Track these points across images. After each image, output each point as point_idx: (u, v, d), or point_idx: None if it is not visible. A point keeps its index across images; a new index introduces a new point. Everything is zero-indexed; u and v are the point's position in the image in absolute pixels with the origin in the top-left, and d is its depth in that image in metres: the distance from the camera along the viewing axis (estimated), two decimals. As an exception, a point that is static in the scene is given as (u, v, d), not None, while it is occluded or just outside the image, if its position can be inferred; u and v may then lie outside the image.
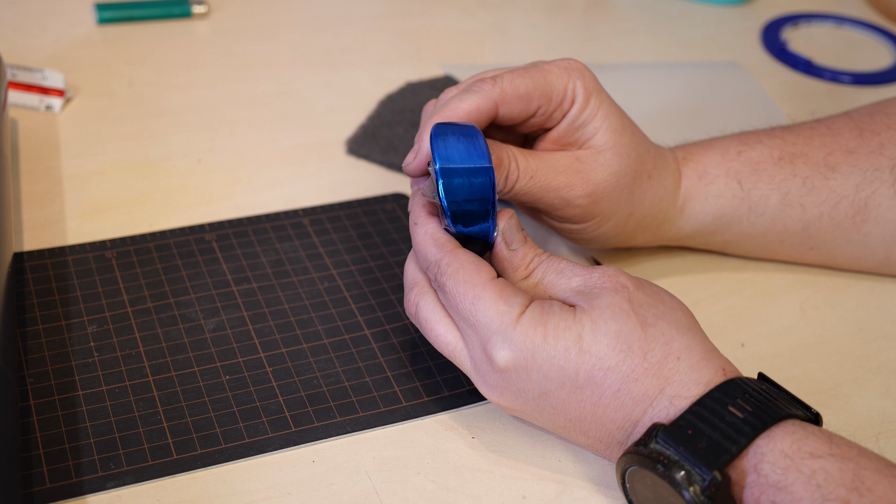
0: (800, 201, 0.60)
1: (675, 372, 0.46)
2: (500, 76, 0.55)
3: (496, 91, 0.54)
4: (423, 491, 0.49)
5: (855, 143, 0.61)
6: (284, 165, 0.71)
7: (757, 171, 0.61)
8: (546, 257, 0.51)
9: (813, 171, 0.60)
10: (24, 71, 0.74)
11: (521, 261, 0.51)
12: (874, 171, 0.60)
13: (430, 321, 0.51)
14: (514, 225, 0.51)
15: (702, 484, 0.43)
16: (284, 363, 0.55)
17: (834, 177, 0.60)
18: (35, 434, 0.50)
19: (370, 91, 0.79)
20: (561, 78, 0.55)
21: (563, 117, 0.56)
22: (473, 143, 0.51)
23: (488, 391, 0.49)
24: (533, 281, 0.51)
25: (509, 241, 0.51)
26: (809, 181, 0.60)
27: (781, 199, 0.60)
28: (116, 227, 0.64)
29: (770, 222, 0.61)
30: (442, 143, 0.50)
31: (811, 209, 0.60)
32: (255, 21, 0.88)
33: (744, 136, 0.62)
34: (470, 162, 0.50)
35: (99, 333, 0.56)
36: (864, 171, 0.60)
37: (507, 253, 0.51)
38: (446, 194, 0.49)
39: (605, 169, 0.57)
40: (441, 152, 0.50)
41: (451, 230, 0.50)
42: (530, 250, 0.51)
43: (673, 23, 0.93)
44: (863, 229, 0.61)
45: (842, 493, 0.41)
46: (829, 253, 0.63)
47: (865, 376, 0.58)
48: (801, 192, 0.60)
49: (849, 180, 0.60)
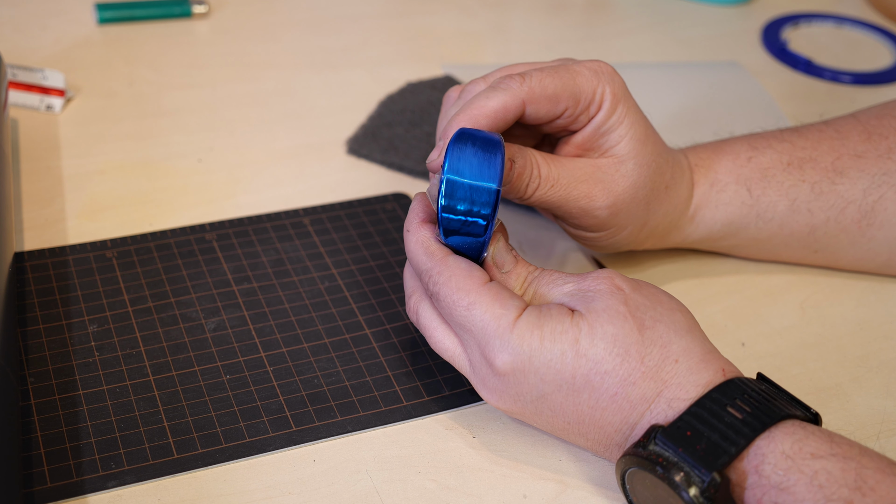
0: (807, 207, 0.60)
1: (673, 375, 0.46)
2: (528, 74, 0.53)
3: (524, 90, 0.53)
4: (423, 490, 0.49)
5: (863, 147, 0.61)
6: (284, 165, 0.71)
7: (766, 177, 0.60)
8: (539, 272, 0.51)
9: (821, 177, 0.60)
10: (25, 71, 0.74)
11: (515, 281, 0.51)
12: (882, 175, 0.60)
13: (428, 328, 0.51)
14: (503, 248, 0.51)
15: (701, 485, 0.43)
16: (285, 362, 0.55)
17: (842, 181, 0.60)
18: (36, 433, 0.50)
19: (370, 91, 0.79)
20: (590, 81, 0.54)
21: (588, 121, 0.55)
22: (490, 160, 0.48)
23: (488, 395, 0.49)
24: (529, 297, 0.51)
25: (500, 265, 0.51)
26: (818, 186, 0.60)
27: (789, 206, 0.60)
28: (117, 227, 0.64)
29: (777, 227, 0.61)
30: (458, 153, 0.48)
31: (818, 214, 0.60)
32: (255, 21, 0.88)
33: (754, 139, 0.62)
34: (479, 180, 0.48)
35: (99, 333, 0.56)
36: (872, 176, 0.60)
37: (499, 276, 0.51)
38: (443, 210, 0.48)
39: (626, 180, 0.56)
40: (453, 163, 0.48)
41: (442, 242, 0.50)
42: (522, 270, 0.51)
43: (673, 23, 0.93)
44: (868, 233, 0.61)
45: (844, 493, 0.41)
46: (832, 255, 0.63)
47: (865, 376, 0.58)
48: (809, 197, 0.60)
49: (857, 185, 0.60)
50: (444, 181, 0.48)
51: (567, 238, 0.66)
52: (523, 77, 0.53)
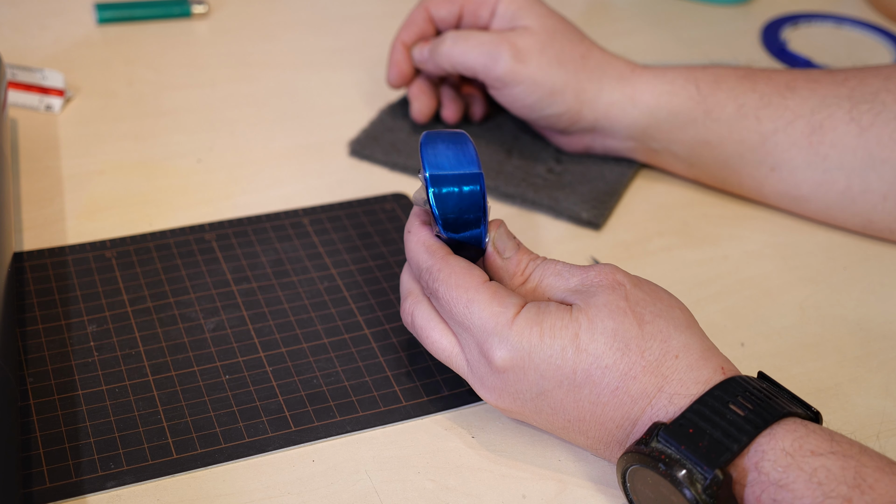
0: (755, 113, 0.64)
1: (673, 370, 0.46)
2: None
3: (424, 4, 0.71)
4: (422, 490, 0.49)
5: (820, 76, 0.65)
6: (284, 165, 0.71)
7: (717, 81, 0.66)
8: (542, 261, 0.51)
9: (772, 90, 0.65)
10: (24, 71, 0.74)
11: (517, 267, 0.51)
12: (833, 97, 0.63)
13: (425, 329, 0.51)
14: (504, 234, 0.52)
15: (703, 482, 0.43)
16: (284, 363, 0.55)
17: (792, 97, 0.64)
18: (35, 433, 0.50)
19: (370, 91, 0.79)
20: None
21: (491, 16, 0.68)
22: (463, 149, 0.52)
23: (486, 393, 0.49)
24: (531, 286, 0.51)
25: (501, 250, 0.51)
26: (767, 97, 0.64)
27: (737, 110, 0.65)
28: (116, 227, 0.64)
29: (727, 130, 0.65)
30: (431, 151, 0.51)
31: (766, 123, 0.64)
32: (255, 21, 0.88)
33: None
34: (459, 168, 0.51)
35: (99, 333, 0.56)
36: (822, 97, 0.64)
37: (500, 262, 0.51)
38: (437, 201, 0.50)
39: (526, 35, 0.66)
40: (431, 160, 0.51)
41: (443, 237, 0.51)
42: (524, 256, 0.51)
43: (673, 23, 0.93)
44: (820, 151, 0.63)
45: (843, 491, 0.41)
46: (791, 176, 0.65)
47: (865, 376, 0.58)
48: (758, 105, 0.64)
49: (806, 103, 0.64)
50: (427, 178, 0.50)
51: (567, 239, 0.66)
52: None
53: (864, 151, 0.62)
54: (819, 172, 0.64)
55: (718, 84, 0.65)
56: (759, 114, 0.64)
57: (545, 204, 0.68)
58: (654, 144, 0.68)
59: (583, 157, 0.72)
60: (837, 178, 0.64)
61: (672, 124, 0.66)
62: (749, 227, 0.68)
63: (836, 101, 0.63)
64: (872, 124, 0.62)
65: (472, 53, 0.67)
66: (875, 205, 0.64)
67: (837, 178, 0.64)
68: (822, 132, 0.63)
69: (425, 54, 0.70)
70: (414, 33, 0.72)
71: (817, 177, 0.64)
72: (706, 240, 0.67)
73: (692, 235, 0.67)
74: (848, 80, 0.64)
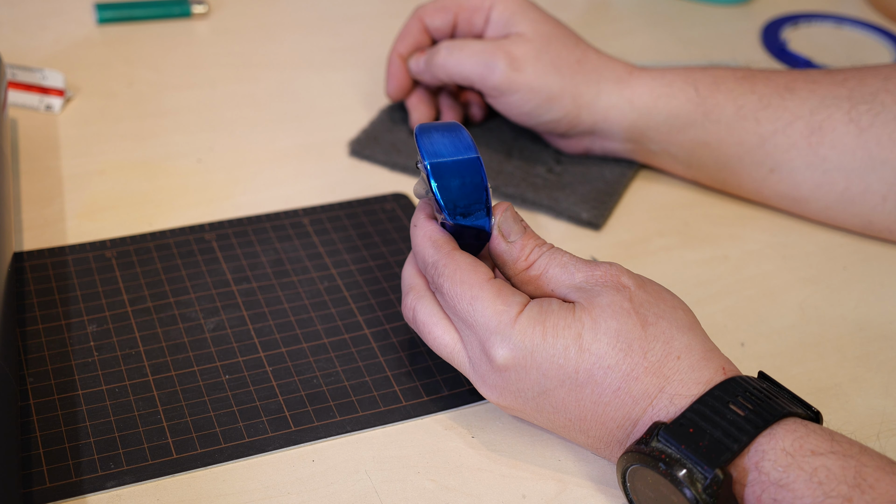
0: (755, 115, 0.64)
1: (675, 371, 0.46)
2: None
3: (419, 13, 0.71)
4: (422, 490, 0.49)
5: (819, 77, 0.65)
6: (284, 165, 0.71)
7: (716, 83, 0.66)
8: (548, 248, 0.51)
9: (771, 92, 0.65)
10: (24, 71, 0.74)
11: (521, 252, 0.51)
12: (832, 98, 0.63)
13: (427, 324, 0.51)
14: (510, 217, 0.51)
15: (704, 482, 0.43)
16: (284, 363, 0.55)
17: (791, 98, 0.64)
18: (35, 433, 0.50)
19: (370, 91, 0.79)
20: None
21: (485, 23, 0.69)
22: (458, 136, 0.52)
23: (488, 391, 0.49)
24: (534, 273, 0.50)
25: (507, 234, 0.51)
26: (766, 99, 0.64)
27: (736, 112, 0.65)
28: (116, 227, 0.64)
29: (725, 131, 0.65)
30: (427, 141, 0.51)
31: (766, 124, 0.64)
32: (255, 21, 0.88)
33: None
34: (457, 154, 0.51)
35: (99, 333, 0.56)
36: (821, 98, 0.64)
37: (505, 245, 0.51)
38: (439, 188, 0.50)
39: (521, 41, 0.66)
40: (428, 149, 0.51)
41: (449, 224, 0.51)
42: (530, 240, 0.51)
43: (673, 23, 0.93)
44: (820, 152, 0.63)
45: (843, 491, 0.41)
46: (790, 177, 0.65)
47: (865, 375, 0.58)
48: (757, 106, 0.64)
49: (805, 104, 0.64)
50: (428, 168, 0.50)
51: (567, 239, 0.66)
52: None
53: (863, 152, 0.62)
54: (818, 173, 0.64)
55: (717, 86, 0.65)
56: (759, 115, 0.64)
57: (545, 204, 0.68)
58: (652, 146, 0.68)
59: (582, 158, 0.72)
60: (837, 179, 0.64)
61: (671, 126, 0.66)
62: (749, 227, 0.68)
63: (835, 102, 0.63)
64: (871, 125, 0.62)
65: (468, 63, 0.67)
66: (874, 205, 0.64)
67: (837, 179, 0.64)
68: (821, 133, 0.63)
69: (421, 65, 0.70)
70: (409, 44, 0.72)
71: (817, 178, 0.64)
72: (706, 240, 0.67)
73: (692, 235, 0.67)
74: (847, 80, 0.64)
